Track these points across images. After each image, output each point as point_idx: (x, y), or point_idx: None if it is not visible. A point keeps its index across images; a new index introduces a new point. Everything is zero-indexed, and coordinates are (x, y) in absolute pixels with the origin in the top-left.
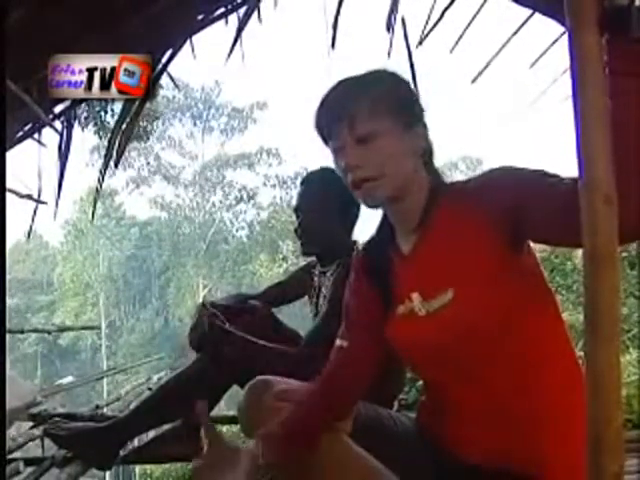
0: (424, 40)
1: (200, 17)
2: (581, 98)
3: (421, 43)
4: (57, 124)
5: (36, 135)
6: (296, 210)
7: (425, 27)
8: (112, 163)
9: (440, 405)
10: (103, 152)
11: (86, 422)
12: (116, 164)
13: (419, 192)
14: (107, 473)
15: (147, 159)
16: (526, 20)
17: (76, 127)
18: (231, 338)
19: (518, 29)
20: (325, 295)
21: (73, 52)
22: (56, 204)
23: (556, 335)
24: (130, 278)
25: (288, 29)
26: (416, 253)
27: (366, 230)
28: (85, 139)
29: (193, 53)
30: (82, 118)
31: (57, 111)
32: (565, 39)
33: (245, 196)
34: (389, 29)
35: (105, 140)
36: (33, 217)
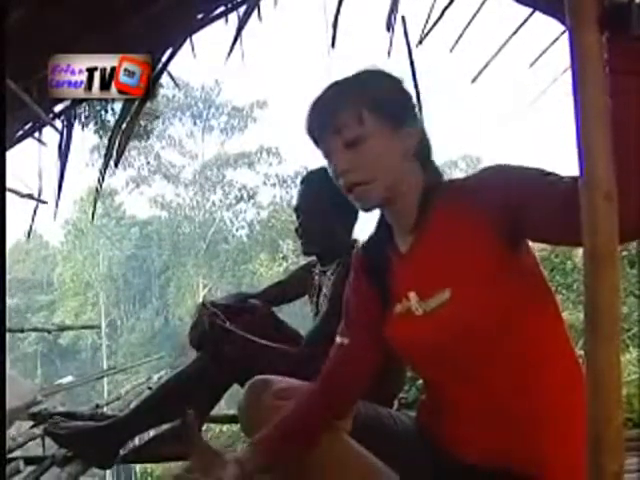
0: (424, 39)
1: (200, 16)
2: (581, 96)
3: (421, 42)
4: (57, 123)
5: (36, 134)
6: (296, 210)
7: (425, 26)
8: (112, 163)
9: (439, 404)
10: (103, 151)
11: (86, 421)
12: (116, 164)
13: (412, 192)
14: (107, 472)
15: (147, 158)
16: (526, 19)
17: (76, 126)
18: (231, 337)
19: (518, 28)
20: (326, 294)
21: (73, 52)
22: (56, 204)
23: (556, 335)
24: (130, 277)
25: (288, 28)
26: (413, 252)
27: (366, 229)
28: (85, 138)
29: (193, 52)
30: (82, 117)
31: (57, 110)
32: (565, 38)
33: (245, 195)
34: (389, 28)
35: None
36: (33, 216)
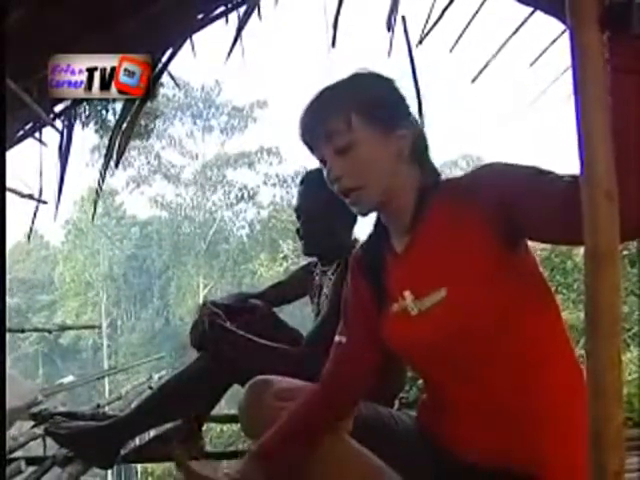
0: (424, 39)
1: (200, 16)
2: (582, 95)
3: (421, 42)
4: (58, 123)
5: (37, 134)
6: (297, 210)
7: (425, 26)
8: (112, 163)
9: (439, 404)
10: (104, 151)
11: (87, 421)
12: (116, 164)
13: (407, 193)
14: (108, 472)
15: (147, 158)
16: (526, 19)
17: (77, 126)
18: (232, 337)
19: (518, 28)
20: (326, 294)
21: (73, 52)
22: (57, 203)
23: (555, 335)
24: (131, 277)
25: (288, 28)
26: (409, 252)
27: (367, 228)
28: (86, 138)
29: (193, 52)
30: (83, 116)
31: (58, 110)
32: (565, 38)
33: (245, 195)
34: (389, 28)
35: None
36: (34, 217)
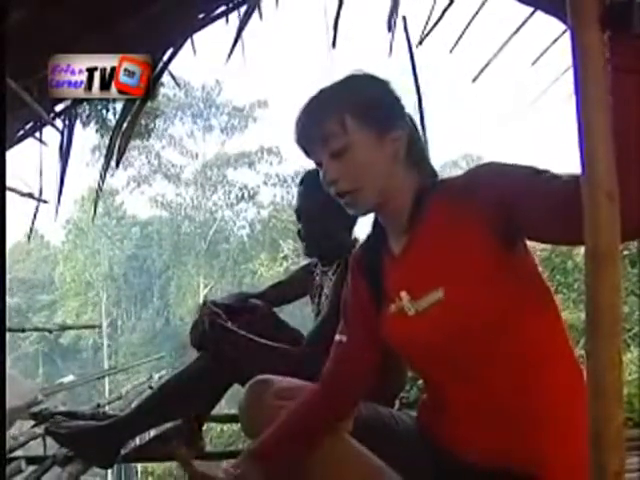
0: (424, 39)
1: (201, 16)
2: (583, 95)
3: (422, 42)
4: (58, 123)
5: (37, 134)
6: (297, 211)
7: (426, 26)
8: (113, 162)
9: (439, 404)
10: (104, 151)
11: (87, 421)
12: (117, 164)
13: (404, 194)
14: (108, 471)
15: (148, 158)
16: (527, 18)
17: (77, 126)
18: (232, 337)
19: (519, 28)
20: (327, 294)
21: (73, 52)
22: (57, 203)
23: (555, 335)
24: (131, 277)
25: (289, 28)
26: (406, 253)
27: (367, 228)
28: (86, 137)
29: (194, 51)
30: (83, 116)
31: (58, 110)
32: (566, 37)
33: (246, 195)
34: (390, 28)
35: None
36: (34, 216)
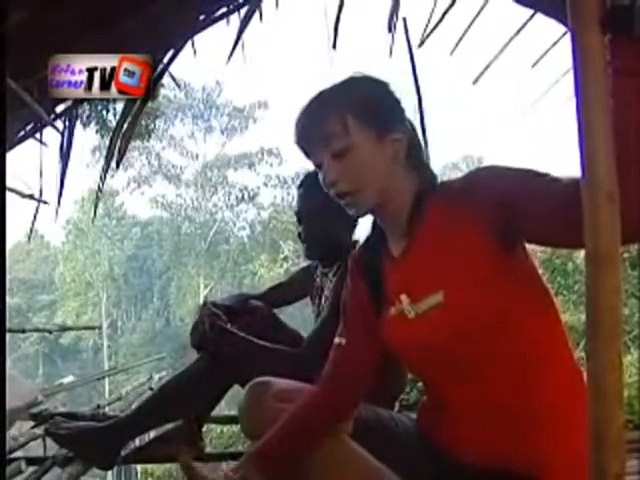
0: (425, 41)
1: (202, 17)
2: (583, 97)
3: (422, 44)
4: (58, 124)
5: (38, 135)
6: (297, 214)
7: (426, 28)
8: (113, 163)
9: (439, 405)
10: (104, 152)
11: (87, 422)
12: (117, 164)
13: (403, 196)
14: (108, 473)
15: (148, 159)
16: (527, 20)
17: (77, 126)
18: (232, 338)
19: (519, 29)
20: (327, 296)
21: (73, 52)
22: (57, 204)
23: (555, 337)
24: (131, 278)
25: (289, 29)
26: (406, 256)
27: (367, 230)
28: (87, 138)
29: (194, 52)
30: (84, 117)
31: (58, 111)
32: (566, 40)
33: (246, 196)
34: (390, 30)
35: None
36: (34, 217)
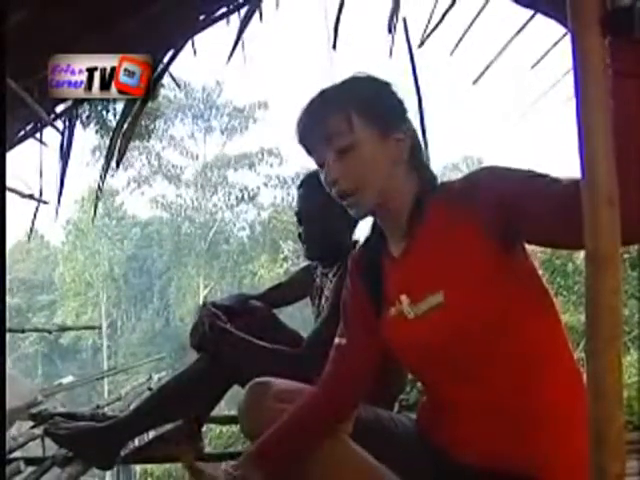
0: (425, 41)
1: (202, 17)
2: (583, 99)
3: (422, 44)
4: (58, 123)
5: (38, 135)
6: (297, 214)
7: (426, 28)
8: (113, 163)
9: (439, 406)
10: (104, 152)
11: (87, 422)
12: (117, 164)
13: (404, 197)
14: (107, 473)
15: (148, 159)
16: (527, 21)
17: (77, 126)
18: (232, 338)
19: (520, 30)
20: (327, 296)
21: (73, 52)
22: (57, 204)
23: (554, 336)
24: (131, 278)
25: (289, 29)
26: (406, 257)
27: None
28: (87, 138)
29: (194, 50)
30: (84, 117)
31: (58, 111)
32: (566, 40)
33: (246, 196)
34: (390, 30)
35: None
36: (34, 216)
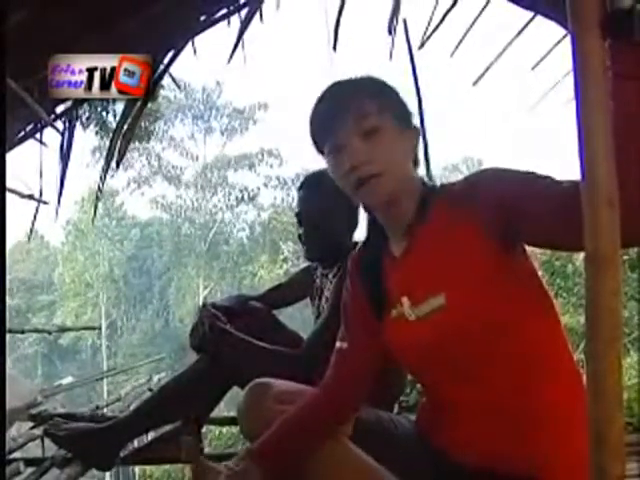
0: (425, 42)
1: (202, 18)
2: (583, 101)
3: (422, 45)
4: (59, 124)
5: (38, 135)
6: (297, 215)
7: (426, 30)
8: (113, 163)
9: (438, 407)
10: (104, 152)
11: (86, 422)
12: (117, 165)
13: (412, 194)
14: (107, 474)
15: (148, 159)
16: (528, 23)
17: (77, 127)
18: (231, 339)
19: (520, 32)
20: (327, 297)
21: (73, 52)
22: (57, 204)
23: (554, 338)
24: (131, 278)
25: (290, 31)
26: (407, 257)
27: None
28: (87, 139)
29: (194, 50)
30: (84, 118)
31: (59, 111)
32: (566, 42)
33: (246, 197)
34: (391, 31)
35: (106, 140)
36: (34, 217)
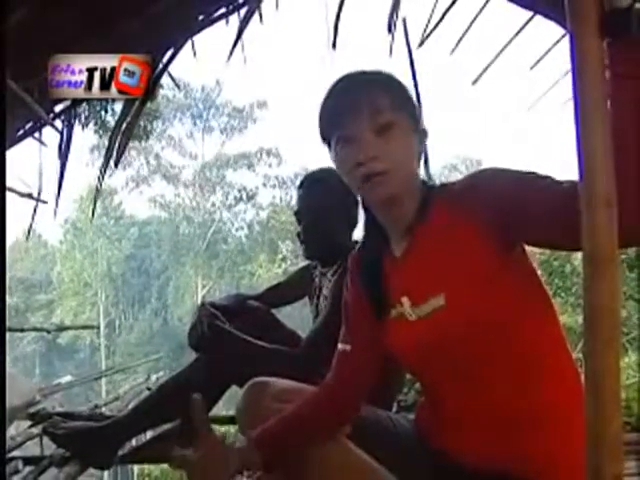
0: (425, 41)
1: (201, 17)
2: (582, 100)
3: (422, 44)
4: (58, 123)
5: (37, 134)
6: (297, 214)
7: (426, 28)
8: (112, 162)
9: (438, 407)
10: (103, 151)
11: (85, 421)
12: (116, 164)
13: (413, 195)
14: (105, 472)
15: (147, 158)
16: (527, 22)
17: (76, 126)
18: (230, 338)
19: (519, 31)
20: (326, 296)
21: (73, 52)
22: (56, 203)
23: (553, 337)
24: (129, 277)
25: (289, 29)
26: (407, 257)
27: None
28: (85, 138)
29: (194, 52)
30: (82, 117)
31: (58, 110)
32: (565, 42)
33: (245, 196)
34: (390, 30)
35: (105, 139)
36: (33, 216)
